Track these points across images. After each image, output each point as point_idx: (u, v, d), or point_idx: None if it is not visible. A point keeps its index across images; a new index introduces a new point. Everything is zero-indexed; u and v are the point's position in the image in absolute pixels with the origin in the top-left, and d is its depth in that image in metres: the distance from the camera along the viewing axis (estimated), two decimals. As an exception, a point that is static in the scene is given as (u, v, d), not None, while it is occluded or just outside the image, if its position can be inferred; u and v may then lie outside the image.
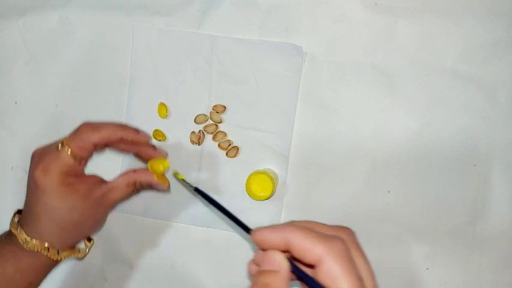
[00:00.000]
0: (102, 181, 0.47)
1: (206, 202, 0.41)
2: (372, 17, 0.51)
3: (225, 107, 0.54)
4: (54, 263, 0.46)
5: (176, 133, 0.56)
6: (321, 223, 0.32)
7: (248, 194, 0.51)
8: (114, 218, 0.56)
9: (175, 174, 0.49)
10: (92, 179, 0.46)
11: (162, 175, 0.48)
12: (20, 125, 0.59)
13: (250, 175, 0.51)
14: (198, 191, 0.43)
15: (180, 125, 0.55)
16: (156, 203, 0.56)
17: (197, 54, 0.55)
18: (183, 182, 0.45)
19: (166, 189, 0.49)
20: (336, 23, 0.52)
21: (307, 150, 0.53)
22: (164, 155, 0.48)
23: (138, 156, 0.48)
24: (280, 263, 0.29)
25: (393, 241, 0.52)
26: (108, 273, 0.57)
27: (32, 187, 0.43)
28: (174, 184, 0.56)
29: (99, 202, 0.45)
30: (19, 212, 0.48)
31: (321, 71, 0.53)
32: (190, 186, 0.44)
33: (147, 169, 0.46)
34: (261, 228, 0.31)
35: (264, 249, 0.31)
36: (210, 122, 0.55)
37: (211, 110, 0.55)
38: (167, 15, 0.55)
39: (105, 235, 0.57)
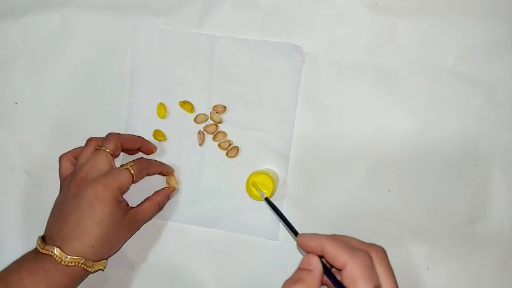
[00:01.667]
0: (128, 204, 0.52)
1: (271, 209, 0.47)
2: (372, 17, 0.51)
3: (225, 107, 0.54)
4: (83, 277, 0.49)
5: (176, 133, 0.56)
6: (356, 239, 0.36)
7: (248, 194, 0.51)
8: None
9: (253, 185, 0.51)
10: (125, 202, 0.51)
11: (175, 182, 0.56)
12: (20, 125, 0.59)
13: (250, 175, 0.51)
14: (268, 201, 0.48)
15: (180, 125, 0.55)
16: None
17: (197, 54, 0.55)
18: (259, 190, 0.50)
19: (177, 191, 0.57)
20: (336, 23, 0.52)
21: (308, 150, 0.53)
22: (173, 171, 0.56)
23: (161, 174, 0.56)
24: (315, 264, 0.35)
25: (393, 241, 0.52)
26: (109, 273, 0.57)
27: (89, 201, 0.47)
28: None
29: (130, 222, 0.51)
30: (41, 237, 0.49)
31: (321, 71, 0.53)
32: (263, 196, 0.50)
33: (163, 189, 0.55)
34: (304, 234, 0.37)
35: (307, 252, 0.36)
36: (210, 122, 0.55)
37: (212, 110, 0.55)
38: (167, 15, 0.55)
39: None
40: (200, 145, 0.55)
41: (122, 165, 0.51)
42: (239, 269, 0.55)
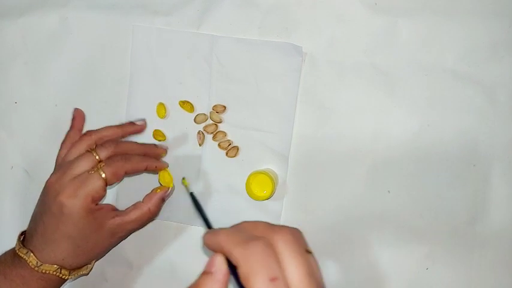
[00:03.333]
0: (114, 210, 0.48)
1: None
2: (372, 17, 0.51)
3: (225, 107, 0.54)
4: (62, 283, 0.47)
5: (176, 133, 0.56)
6: (266, 223, 0.31)
7: (248, 194, 0.51)
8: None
9: (183, 181, 0.51)
10: (106, 208, 0.47)
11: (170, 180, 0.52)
12: (19, 125, 0.59)
13: (250, 175, 0.51)
14: (193, 197, 0.46)
15: (179, 125, 0.55)
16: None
17: (197, 54, 0.55)
18: (185, 187, 0.50)
19: (173, 189, 0.53)
20: (336, 23, 0.52)
21: (307, 150, 0.53)
22: (166, 166, 0.52)
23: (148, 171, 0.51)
24: (218, 265, 0.30)
25: (393, 241, 0.52)
26: (109, 273, 0.57)
27: (55, 213, 0.43)
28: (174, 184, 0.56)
29: (113, 231, 0.47)
30: (22, 233, 0.48)
31: (321, 71, 0.53)
32: (188, 191, 0.48)
33: (155, 191, 0.50)
34: (208, 231, 0.32)
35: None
36: (210, 122, 0.55)
37: (211, 110, 0.55)
38: (167, 14, 0.55)
39: (105, 235, 0.57)
40: (200, 145, 0.55)
41: (93, 167, 0.45)
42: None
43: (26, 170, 0.59)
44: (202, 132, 0.55)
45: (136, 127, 0.53)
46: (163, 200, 0.50)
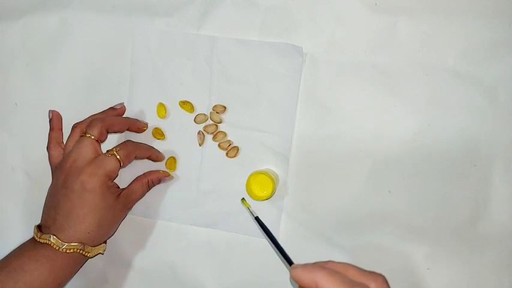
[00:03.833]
0: (119, 187, 0.53)
1: (262, 231, 0.46)
2: (371, 17, 0.51)
3: (225, 107, 0.54)
4: (83, 261, 0.50)
5: (176, 133, 0.56)
6: (354, 267, 0.34)
7: (248, 194, 0.51)
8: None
9: (243, 201, 0.52)
10: (116, 185, 0.52)
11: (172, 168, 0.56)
12: (20, 126, 0.59)
13: (251, 175, 0.51)
14: (258, 221, 0.47)
15: (179, 125, 0.55)
16: (156, 204, 0.56)
17: (197, 55, 0.55)
18: (248, 209, 0.51)
19: (172, 178, 0.56)
20: (336, 23, 0.52)
21: (308, 150, 0.53)
22: (163, 158, 0.56)
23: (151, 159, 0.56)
24: None
25: (394, 241, 0.52)
26: (109, 274, 0.57)
27: (78, 190, 0.48)
28: (175, 184, 0.56)
29: (124, 203, 0.52)
30: (38, 225, 0.50)
31: (321, 71, 0.53)
32: (253, 215, 0.48)
33: (157, 170, 0.55)
34: (297, 266, 0.34)
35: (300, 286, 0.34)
36: (210, 122, 0.55)
37: (211, 110, 0.55)
38: (167, 16, 0.55)
39: (105, 236, 0.57)
40: (200, 145, 0.55)
41: (108, 151, 0.51)
42: (239, 270, 0.55)
43: (27, 171, 0.59)
44: (202, 133, 0.55)
45: (118, 110, 0.56)
46: (159, 181, 0.54)
